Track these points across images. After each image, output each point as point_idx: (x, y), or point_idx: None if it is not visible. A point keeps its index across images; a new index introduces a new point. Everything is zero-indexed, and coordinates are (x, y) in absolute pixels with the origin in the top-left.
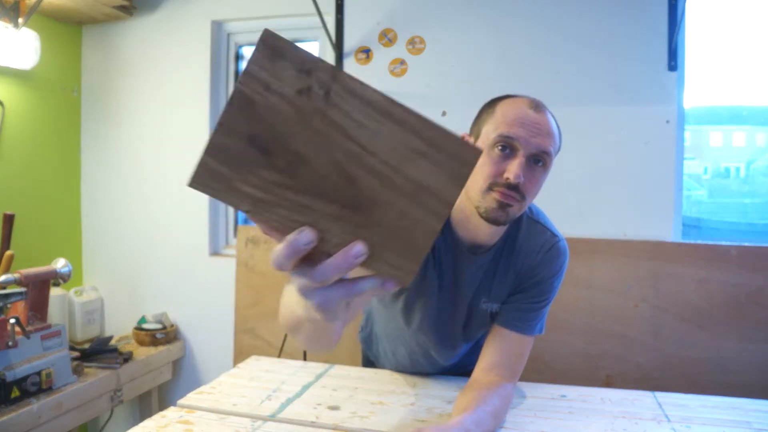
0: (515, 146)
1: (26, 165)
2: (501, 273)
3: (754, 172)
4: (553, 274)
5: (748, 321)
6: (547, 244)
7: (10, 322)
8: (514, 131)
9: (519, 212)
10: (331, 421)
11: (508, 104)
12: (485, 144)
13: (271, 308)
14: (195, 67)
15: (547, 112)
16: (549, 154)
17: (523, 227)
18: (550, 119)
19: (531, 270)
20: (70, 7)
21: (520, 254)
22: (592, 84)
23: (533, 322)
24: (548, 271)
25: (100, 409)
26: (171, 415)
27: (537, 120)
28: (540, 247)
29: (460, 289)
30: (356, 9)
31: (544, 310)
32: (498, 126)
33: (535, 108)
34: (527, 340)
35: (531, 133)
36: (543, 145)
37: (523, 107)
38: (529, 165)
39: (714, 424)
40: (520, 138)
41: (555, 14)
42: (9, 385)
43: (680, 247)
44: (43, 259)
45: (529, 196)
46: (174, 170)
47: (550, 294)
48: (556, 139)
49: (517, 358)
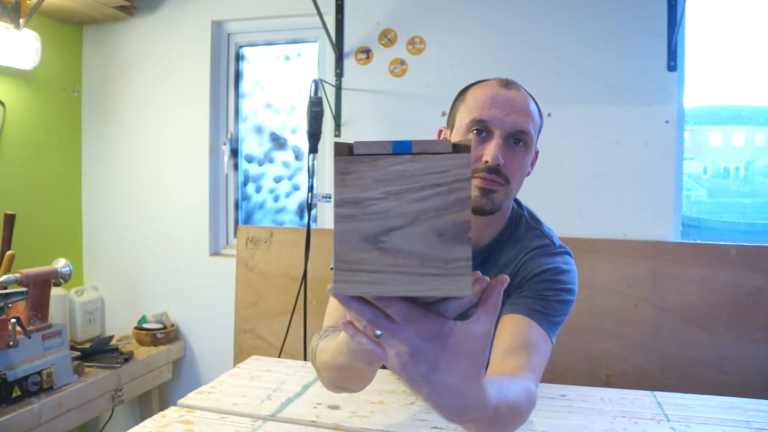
0: (490, 128)
1: (27, 165)
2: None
3: (753, 172)
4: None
5: (748, 321)
6: (543, 246)
7: (11, 321)
8: (486, 113)
9: (506, 198)
10: (331, 421)
11: (479, 87)
12: (460, 132)
13: (271, 308)
14: (195, 67)
15: (521, 89)
16: (527, 133)
17: (520, 232)
18: (526, 96)
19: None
20: (70, 8)
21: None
22: (592, 84)
23: (537, 308)
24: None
25: (101, 409)
26: (171, 414)
27: (510, 97)
28: (536, 247)
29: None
30: (356, 9)
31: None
32: (470, 111)
33: (506, 85)
34: (536, 328)
35: (504, 112)
36: (519, 122)
37: (494, 87)
38: (508, 145)
39: (713, 423)
40: (493, 119)
41: (555, 15)
42: (10, 385)
43: (680, 247)
44: (43, 259)
45: (514, 179)
46: (174, 170)
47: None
48: (535, 116)
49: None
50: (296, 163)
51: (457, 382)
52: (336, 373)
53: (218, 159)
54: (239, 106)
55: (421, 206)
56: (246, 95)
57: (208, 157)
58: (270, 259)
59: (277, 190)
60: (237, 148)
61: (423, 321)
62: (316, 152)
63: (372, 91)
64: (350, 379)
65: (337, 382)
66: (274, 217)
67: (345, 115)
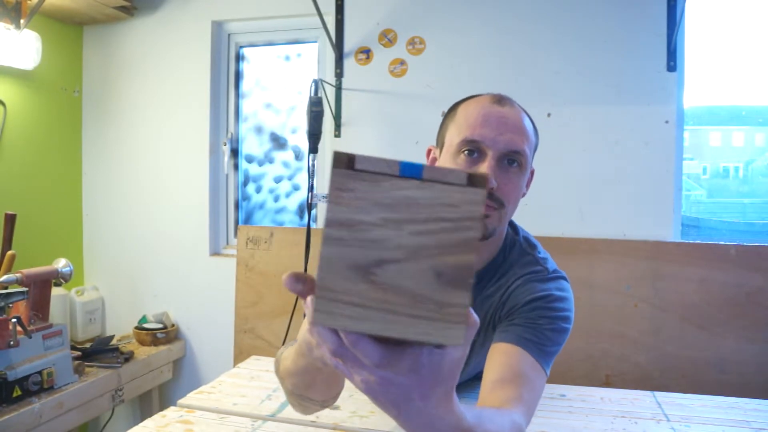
0: (482, 148)
1: (28, 165)
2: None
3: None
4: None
5: (748, 321)
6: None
7: (12, 321)
8: (478, 132)
9: (499, 223)
10: (331, 421)
11: (470, 104)
12: (450, 152)
13: (271, 308)
14: (195, 67)
15: (515, 105)
16: (521, 153)
17: (514, 257)
18: (520, 112)
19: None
20: (71, 8)
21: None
22: (592, 84)
23: (530, 338)
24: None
25: (101, 409)
26: (171, 414)
27: (503, 114)
28: (528, 273)
29: None
30: (356, 9)
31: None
32: (461, 130)
33: (499, 102)
34: (528, 359)
35: (497, 131)
36: (513, 142)
37: (485, 104)
38: (501, 167)
39: (713, 423)
40: (485, 138)
41: (555, 15)
42: (10, 385)
43: (680, 247)
44: (44, 259)
45: (509, 202)
46: (174, 170)
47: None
48: (530, 134)
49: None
50: (296, 163)
51: (429, 406)
52: (298, 378)
53: (218, 159)
54: (239, 106)
55: (423, 240)
56: (246, 95)
57: (208, 157)
58: (270, 259)
59: (277, 190)
60: (237, 148)
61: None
62: (316, 152)
63: (372, 91)
64: (313, 386)
65: (301, 391)
66: (274, 217)
67: (345, 115)
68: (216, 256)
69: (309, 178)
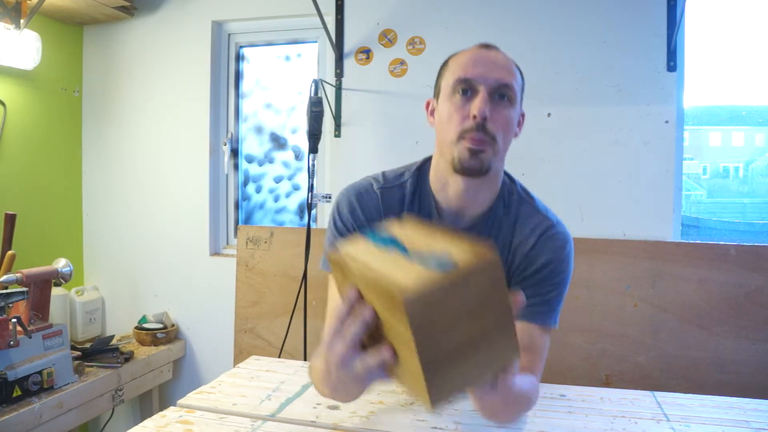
0: (474, 86)
1: (28, 165)
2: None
3: (753, 172)
4: (554, 260)
5: (748, 321)
6: (541, 226)
7: (12, 321)
8: (470, 71)
9: (494, 157)
10: (331, 421)
11: (460, 53)
12: (446, 94)
13: (271, 308)
14: (195, 67)
15: (500, 51)
16: (510, 87)
17: (513, 205)
18: (507, 56)
19: (528, 258)
20: (71, 8)
21: (516, 235)
22: (592, 84)
23: (547, 312)
24: (548, 257)
25: (101, 409)
26: (171, 414)
27: (491, 57)
28: (532, 229)
29: None
30: (356, 9)
31: (555, 301)
32: (454, 72)
33: (485, 47)
34: (538, 330)
35: (487, 69)
36: (502, 77)
37: (475, 50)
38: (493, 101)
39: (713, 423)
40: (477, 76)
41: (554, 15)
42: (10, 385)
43: (679, 247)
44: (44, 259)
45: (501, 136)
46: (174, 170)
47: (558, 282)
48: (517, 75)
49: (537, 351)
50: (296, 163)
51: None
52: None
53: (218, 159)
54: (239, 106)
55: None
56: (246, 95)
57: (208, 157)
58: (270, 259)
59: (277, 190)
60: (237, 148)
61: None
62: (316, 152)
63: (372, 91)
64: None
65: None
66: (274, 217)
67: (345, 115)
68: (216, 256)
69: (309, 178)
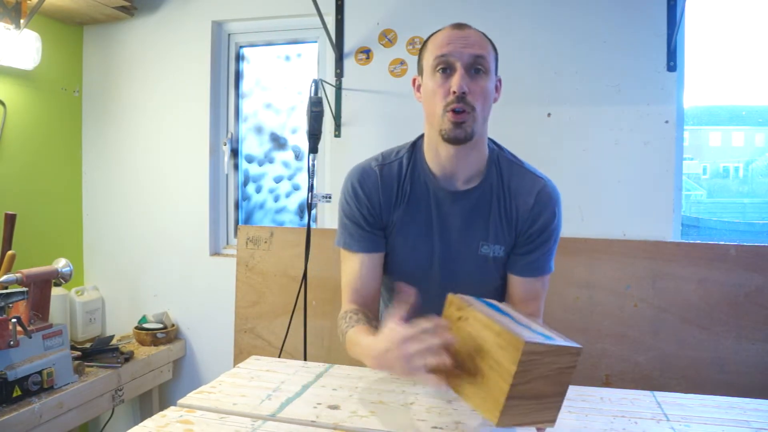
0: (451, 62)
1: (28, 165)
2: (496, 215)
3: (752, 172)
4: (553, 216)
5: (748, 320)
6: (536, 186)
7: (12, 321)
8: (445, 50)
9: (475, 123)
10: (331, 421)
11: (437, 33)
12: (429, 72)
13: (271, 308)
14: (195, 67)
15: (471, 27)
16: (484, 57)
17: (504, 169)
18: (478, 32)
19: (531, 216)
20: (71, 8)
21: (515, 197)
22: (592, 84)
23: (546, 262)
24: (548, 214)
25: (101, 409)
26: (171, 414)
27: (463, 35)
28: (530, 190)
29: (443, 229)
30: (356, 9)
31: (552, 250)
32: (432, 53)
33: (459, 27)
34: (540, 280)
35: (461, 45)
36: (475, 51)
37: (447, 30)
38: (470, 75)
39: (713, 423)
40: (453, 53)
41: (554, 15)
42: (10, 385)
43: (679, 247)
44: (44, 259)
45: (480, 105)
46: (174, 170)
47: (554, 233)
48: (489, 46)
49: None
50: (296, 163)
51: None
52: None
53: (218, 159)
54: (239, 106)
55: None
56: (246, 95)
57: (208, 157)
58: (270, 259)
59: (277, 190)
60: (237, 148)
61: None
62: (316, 152)
63: (372, 91)
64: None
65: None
66: (274, 217)
67: (345, 115)
68: (216, 256)
69: (309, 178)
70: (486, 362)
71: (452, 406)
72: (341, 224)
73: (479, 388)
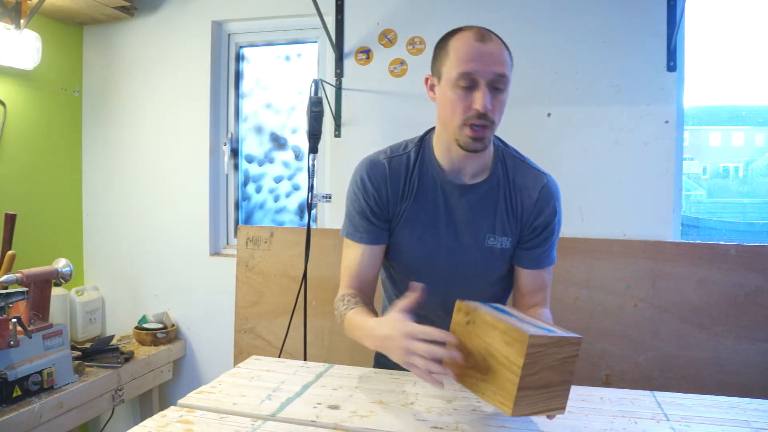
0: (475, 79)
1: (28, 165)
2: (502, 209)
3: (753, 172)
4: (555, 210)
5: (747, 320)
6: (540, 181)
7: (12, 321)
8: (471, 67)
9: (491, 135)
10: (331, 421)
11: (458, 41)
12: (450, 84)
13: (271, 308)
14: (195, 67)
15: (494, 38)
16: (505, 77)
17: (509, 165)
18: (500, 45)
19: (535, 210)
20: (71, 8)
21: (519, 192)
22: (592, 84)
23: (551, 254)
24: (551, 209)
25: (101, 409)
26: (171, 414)
27: (489, 50)
28: (534, 185)
29: (451, 222)
30: (356, 9)
31: (555, 242)
32: (455, 66)
33: (482, 39)
34: (545, 271)
35: (486, 64)
36: (499, 70)
37: (472, 41)
38: (492, 92)
39: (713, 423)
40: (477, 71)
41: (554, 15)
42: (11, 385)
43: (679, 247)
44: (44, 259)
45: (497, 119)
46: (174, 170)
47: (556, 226)
48: (509, 60)
49: (546, 287)
50: (296, 163)
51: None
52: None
53: (218, 159)
54: (239, 106)
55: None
56: (246, 95)
57: (208, 157)
58: (270, 259)
59: (277, 190)
60: (237, 148)
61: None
62: (316, 152)
63: (372, 91)
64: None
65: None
66: (274, 217)
67: (345, 115)
68: (216, 256)
69: (309, 178)
70: (495, 359)
71: (452, 406)
72: (347, 214)
73: (492, 384)
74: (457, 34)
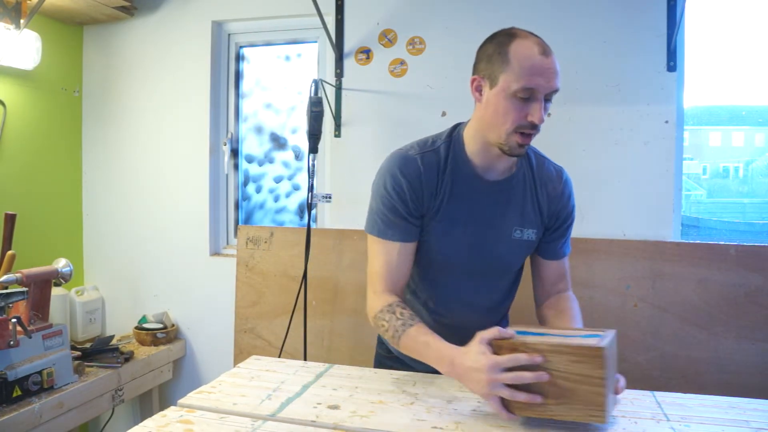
0: (535, 93)
1: (28, 165)
2: (528, 202)
3: (752, 171)
4: (572, 199)
5: (747, 320)
6: (560, 174)
7: (12, 321)
8: (534, 82)
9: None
10: (331, 421)
11: (521, 50)
12: (507, 93)
13: (271, 308)
14: (195, 67)
15: (551, 50)
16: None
17: (533, 160)
18: (555, 60)
19: (562, 201)
20: (71, 8)
21: (544, 185)
22: (592, 84)
23: (566, 244)
24: (572, 199)
25: (101, 409)
26: (171, 414)
27: (549, 66)
28: (557, 178)
29: (482, 217)
30: (356, 9)
31: (571, 232)
32: (518, 78)
33: (545, 53)
34: (565, 259)
35: (548, 79)
36: (557, 86)
37: (536, 55)
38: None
39: (713, 423)
40: (540, 87)
41: (554, 14)
42: (10, 385)
43: (679, 247)
44: (44, 259)
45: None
46: (174, 170)
47: (574, 215)
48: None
49: (567, 274)
50: (296, 163)
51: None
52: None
53: (218, 159)
54: (239, 106)
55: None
56: (246, 95)
57: (208, 157)
58: (270, 259)
59: (277, 190)
60: (237, 148)
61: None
62: (316, 152)
63: (372, 91)
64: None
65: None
66: (274, 217)
67: (345, 115)
68: (216, 256)
69: (309, 178)
70: (568, 380)
71: (452, 406)
72: (377, 211)
73: (573, 403)
74: (517, 40)
